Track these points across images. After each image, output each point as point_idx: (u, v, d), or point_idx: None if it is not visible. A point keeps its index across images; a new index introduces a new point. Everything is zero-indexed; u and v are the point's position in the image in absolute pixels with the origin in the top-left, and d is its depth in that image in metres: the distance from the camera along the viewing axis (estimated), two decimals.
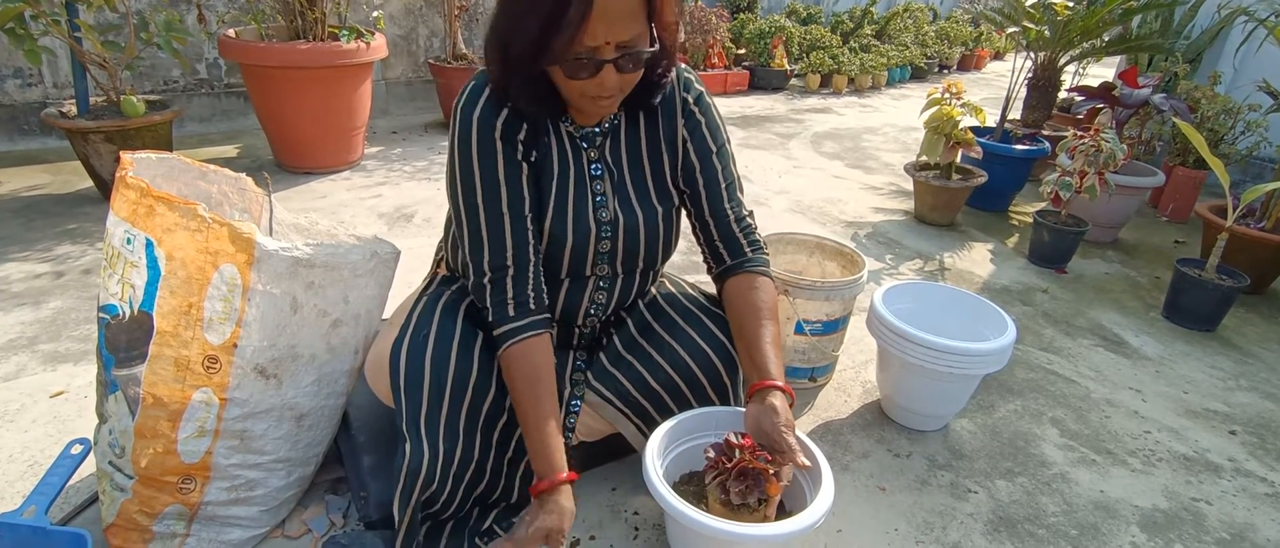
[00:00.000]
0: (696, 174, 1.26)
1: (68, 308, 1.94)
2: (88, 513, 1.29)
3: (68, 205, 2.62)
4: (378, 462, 1.32)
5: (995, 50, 8.47)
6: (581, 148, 1.21)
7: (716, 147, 1.27)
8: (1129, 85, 3.08)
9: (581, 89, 1.04)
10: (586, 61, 1.00)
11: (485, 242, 1.14)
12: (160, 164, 1.23)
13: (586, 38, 0.97)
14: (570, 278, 1.26)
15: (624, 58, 1.01)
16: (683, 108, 1.25)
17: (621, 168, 1.23)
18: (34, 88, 3.22)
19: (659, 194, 1.26)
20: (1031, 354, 2.10)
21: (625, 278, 1.30)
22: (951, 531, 1.41)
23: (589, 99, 1.07)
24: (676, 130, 1.25)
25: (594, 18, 0.95)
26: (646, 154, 1.25)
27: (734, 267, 1.29)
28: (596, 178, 1.22)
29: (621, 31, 0.99)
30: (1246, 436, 1.79)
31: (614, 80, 1.03)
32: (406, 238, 2.55)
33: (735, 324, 1.26)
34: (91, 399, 1.57)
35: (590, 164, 1.21)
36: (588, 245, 1.22)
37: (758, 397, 1.15)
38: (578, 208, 1.20)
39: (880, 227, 3.04)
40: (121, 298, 1.08)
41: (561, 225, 1.19)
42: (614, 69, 1.02)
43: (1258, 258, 2.49)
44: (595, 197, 1.21)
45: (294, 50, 2.86)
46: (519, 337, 1.13)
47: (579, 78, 1.02)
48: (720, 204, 1.27)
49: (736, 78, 5.60)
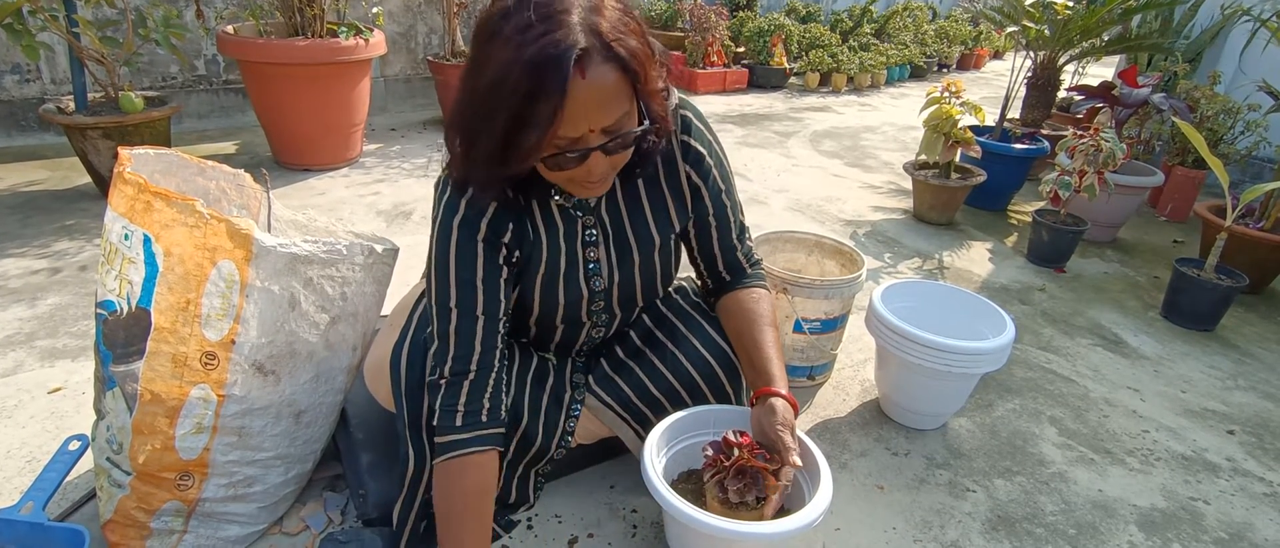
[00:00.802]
0: (709, 217, 1.23)
1: (65, 304, 1.94)
2: (85, 509, 1.29)
3: (65, 201, 2.61)
4: (376, 459, 1.31)
5: (994, 49, 8.46)
6: (575, 217, 1.14)
7: (725, 186, 1.23)
8: (1128, 85, 3.08)
9: (568, 177, 0.97)
10: (570, 153, 0.91)
11: (452, 343, 1.07)
12: (158, 160, 1.23)
13: (566, 130, 0.88)
14: (564, 327, 1.25)
15: (611, 142, 0.92)
16: (686, 153, 1.17)
17: (620, 222, 1.17)
18: (32, 84, 3.21)
19: (660, 228, 1.20)
20: (1030, 353, 2.10)
21: (624, 314, 1.30)
22: (950, 529, 1.41)
23: (577, 184, 0.99)
24: (679, 175, 1.18)
25: (570, 111, 0.85)
26: (648, 203, 1.18)
27: (733, 284, 1.29)
28: (590, 245, 1.16)
29: (604, 117, 0.90)
30: (1245, 435, 1.80)
31: (603, 166, 0.95)
32: (405, 235, 2.54)
33: (735, 331, 1.25)
34: (89, 395, 1.57)
35: (585, 231, 1.16)
36: (580, 308, 1.21)
37: (760, 401, 1.15)
38: (568, 276, 1.16)
39: (879, 225, 3.04)
40: (119, 294, 1.08)
41: (550, 303, 1.17)
42: (602, 155, 0.93)
43: (1257, 258, 2.49)
44: (588, 264, 1.17)
45: (292, 47, 2.85)
46: (456, 452, 1.05)
47: (566, 168, 0.94)
48: (729, 240, 1.27)
49: (735, 76, 5.60)
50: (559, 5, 0.85)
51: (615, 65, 0.88)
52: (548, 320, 1.22)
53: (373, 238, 1.26)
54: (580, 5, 0.86)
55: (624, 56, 0.88)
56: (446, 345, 1.08)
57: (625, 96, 0.91)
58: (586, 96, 0.86)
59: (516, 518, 1.34)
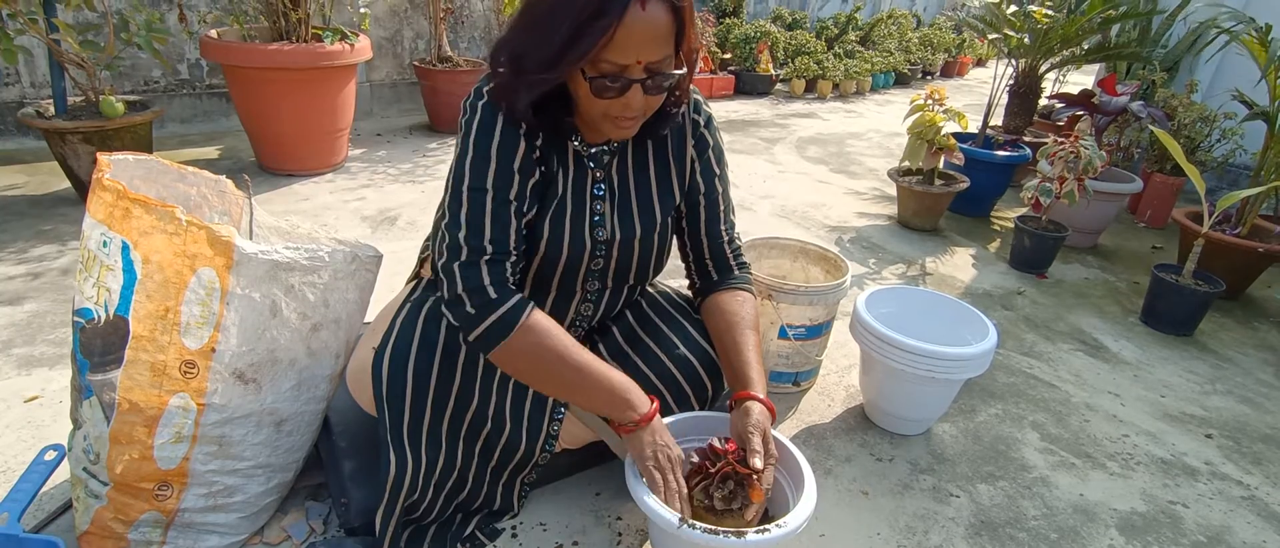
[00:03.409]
0: (701, 196, 1.29)
1: (43, 311, 1.91)
2: (61, 521, 1.26)
3: (44, 207, 2.58)
4: (358, 467, 1.30)
5: (978, 57, 8.56)
6: (587, 167, 1.20)
7: (720, 171, 1.30)
8: (1108, 93, 3.12)
9: (605, 109, 1.03)
10: (614, 80, 0.99)
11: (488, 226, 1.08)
12: (138, 166, 1.22)
13: (617, 54, 0.96)
14: (558, 291, 1.26)
15: (651, 80, 1.01)
16: (693, 130, 1.26)
17: (627, 186, 1.23)
18: (10, 87, 3.17)
19: (662, 204, 1.25)
20: (1012, 359, 2.12)
21: (613, 292, 1.30)
22: (933, 534, 1.42)
23: (611, 120, 1.05)
24: (686, 151, 1.26)
25: (622, 36, 0.95)
26: (654, 172, 1.25)
27: (720, 283, 1.31)
28: (598, 198, 1.21)
29: (652, 52, 0.98)
30: (1223, 439, 1.82)
31: (639, 102, 1.02)
32: (390, 241, 2.53)
33: (717, 333, 1.27)
34: (66, 404, 1.55)
35: (594, 184, 1.20)
36: (581, 262, 1.22)
37: (738, 405, 1.18)
38: (574, 227, 1.19)
39: (864, 231, 3.06)
40: (97, 302, 1.06)
41: (557, 244, 1.18)
42: (640, 90, 1.01)
43: (1233, 263, 2.53)
44: (594, 216, 1.20)
45: (277, 51, 2.83)
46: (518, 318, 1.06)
47: (605, 96, 1.01)
48: (717, 225, 1.31)
49: (722, 82, 5.62)
50: None
51: (669, 8, 0.97)
52: (548, 269, 1.21)
53: (356, 244, 1.25)
54: None
55: (678, 3, 0.98)
56: (481, 225, 1.08)
57: (670, 41, 1.00)
58: (641, 27, 0.95)
59: (501, 527, 1.33)
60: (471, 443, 1.18)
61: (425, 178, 3.22)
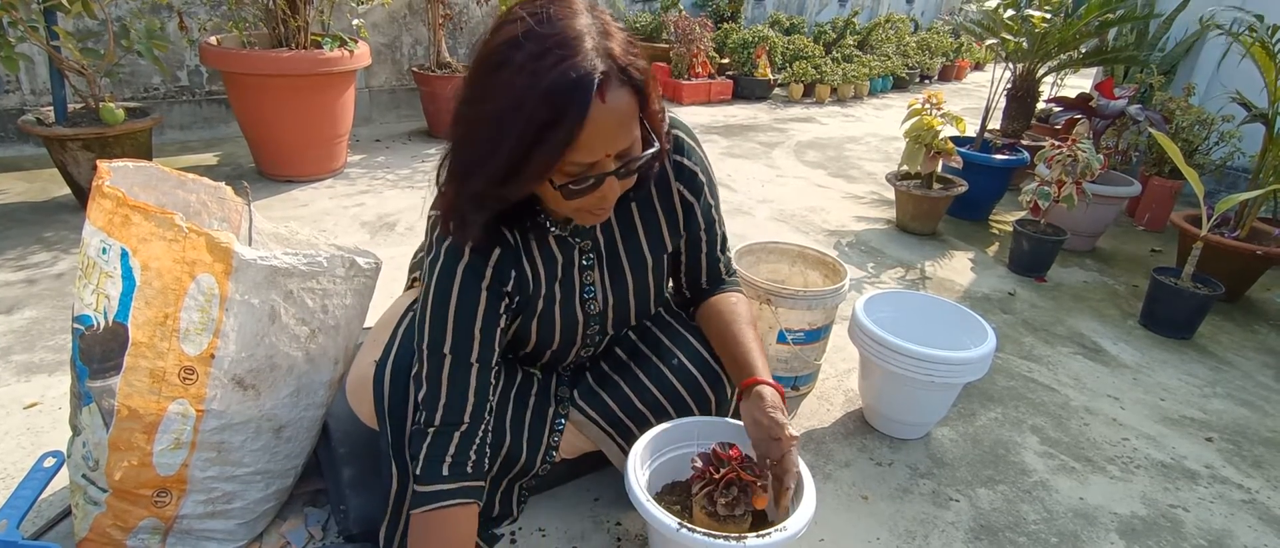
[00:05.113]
0: (700, 233, 1.25)
1: (42, 317, 1.91)
2: (61, 527, 1.26)
3: (44, 213, 2.58)
4: (357, 474, 1.30)
5: (975, 61, 8.57)
6: (572, 244, 1.15)
7: (714, 202, 1.26)
8: (1105, 96, 3.13)
9: (577, 207, 0.97)
10: (586, 179, 0.91)
11: (443, 391, 1.05)
12: (138, 173, 1.22)
13: (583, 154, 0.88)
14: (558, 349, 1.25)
15: (624, 167, 0.94)
16: (679, 172, 1.18)
17: (615, 247, 1.19)
18: (10, 95, 3.17)
19: (652, 248, 1.22)
20: (1011, 362, 2.12)
21: (617, 333, 1.31)
22: (933, 539, 1.42)
23: (586, 213, 1.00)
24: (672, 195, 1.19)
25: (588, 136, 0.86)
26: (644, 236, 1.20)
27: (711, 291, 1.31)
28: (587, 268, 1.17)
29: (621, 140, 0.91)
30: (1223, 442, 1.82)
31: (615, 192, 0.96)
32: (389, 247, 2.53)
33: (717, 333, 1.26)
34: (65, 411, 1.55)
35: (583, 257, 1.17)
36: (576, 331, 1.21)
37: (748, 391, 1.14)
38: (565, 304, 1.17)
39: (862, 235, 3.06)
40: (96, 308, 1.06)
41: (548, 325, 1.18)
42: (615, 180, 0.94)
43: (1232, 266, 2.53)
44: (584, 289, 1.18)
45: (276, 58, 2.84)
46: (439, 503, 1.03)
47: (578, 197, 0.93)
48: (715, 253, 1.29)
49: (720, 87, 5.63)
50: (571, 31, 0.85)
51: (630, 89, 0.89)
52: (542, 349, 1.23)
53: (355, 251, 1.26)
54: (591, 31, 0.87)
55: (637, 79, 0.90)
56: (437, 392, 1.05)
57: (635, 120, 0.93)
58: (605, 121, 0.87)
59: (500, 532, 1.33)
60: None
61: (423, 184, 3.22)
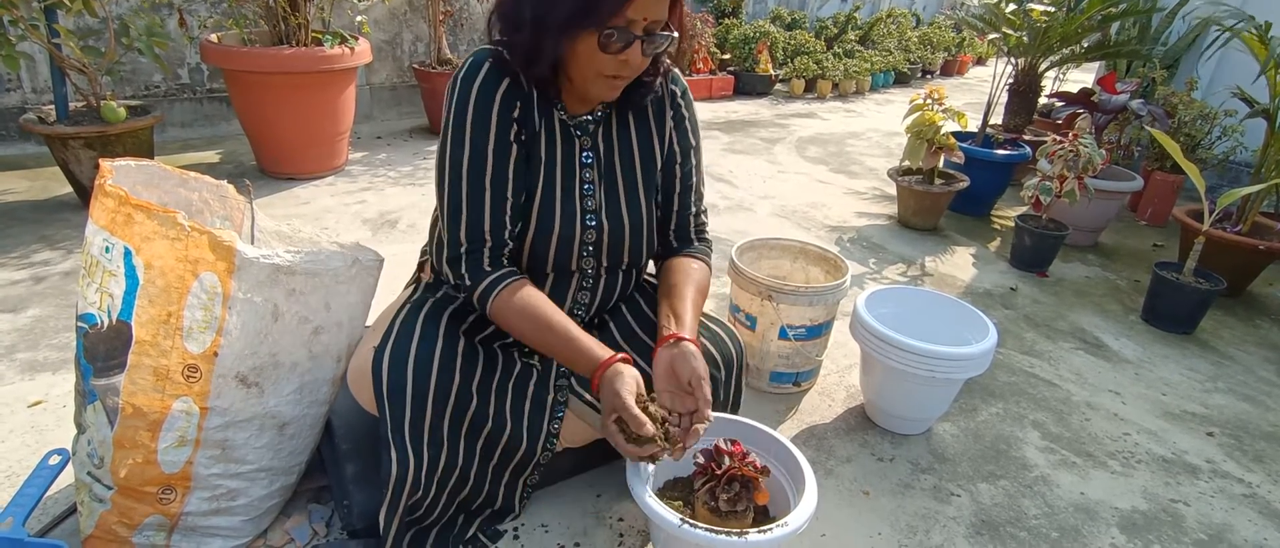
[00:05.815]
0: (676, 166, 1.32)
1: (46, 316, 1.92)
2: (66, 525, 1.27)
3: (46, 212, 2.59)
4: (361, 470, 1.31)
5: (977, 56, 8.56)
6: (574, 136, 1.23)
7: (695, 143, 1.34)
8: (1107, 91, 3.13)
9: (601, 66, 1.07)
10: (620, 34, 1.03)
11: (464, 214, 1.14)
12: (140, 171, 1.22)
13: (634, 10, 1.01)
14: (555, 273, 1.26)
15: (651, 39, 1.06)
16: (671, 100, 1.30)
17: (612, 156, 1.26)
18: (12, 93, 3.18)
19: (646, 189, 1.29)
20: (1013, 358, 2.12)
21: (609, 276, 1.31)
22: (934, 534, 1.42)
23: (604, 79, 1.09)
24: (666, 123, 1.30)
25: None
26: (637, 147, 1.28)
27: (678, 250, 1.35)
28: (586, 166, 1.24)
29: (658, 11, 1.04)
30: (1224, 437, 1.82)
31: (639, 59, 1.07)
32: (390, 244, 2.54)
33: (665, 286, 1.29)
34: (70, 409, 1.55)
35: (582, 152, 1.24)
36: (574, 234, 1.23)
37: (672, 344, 1.17)
38: (565, 195, 1.21)
39: (863, 231, 3.06)
40: (100, 307, 1.07)
41: (548, 212, 1.20)
42: (639, 48, 1.05)
43: (1234, 261, 2.53)
44: (583, 185, 1.23)
45: (277, 55, 2.84)
46: (503, 284, 1.14)
47: (610, 51, 1.04)
48: (687, 198, 1.34)
49: (722, 83, 5.63)
50: None
51: None
52: (541, 252, 1.22)
53: (357, 247, 1.26)
54: None
55: None
56: (459, 216, 1.14)
57: (666, 5, 1.06)
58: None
59: (503, 528, 1.33)
60: (473, 442, 1.19)
61: (425, 181, 3.23)
